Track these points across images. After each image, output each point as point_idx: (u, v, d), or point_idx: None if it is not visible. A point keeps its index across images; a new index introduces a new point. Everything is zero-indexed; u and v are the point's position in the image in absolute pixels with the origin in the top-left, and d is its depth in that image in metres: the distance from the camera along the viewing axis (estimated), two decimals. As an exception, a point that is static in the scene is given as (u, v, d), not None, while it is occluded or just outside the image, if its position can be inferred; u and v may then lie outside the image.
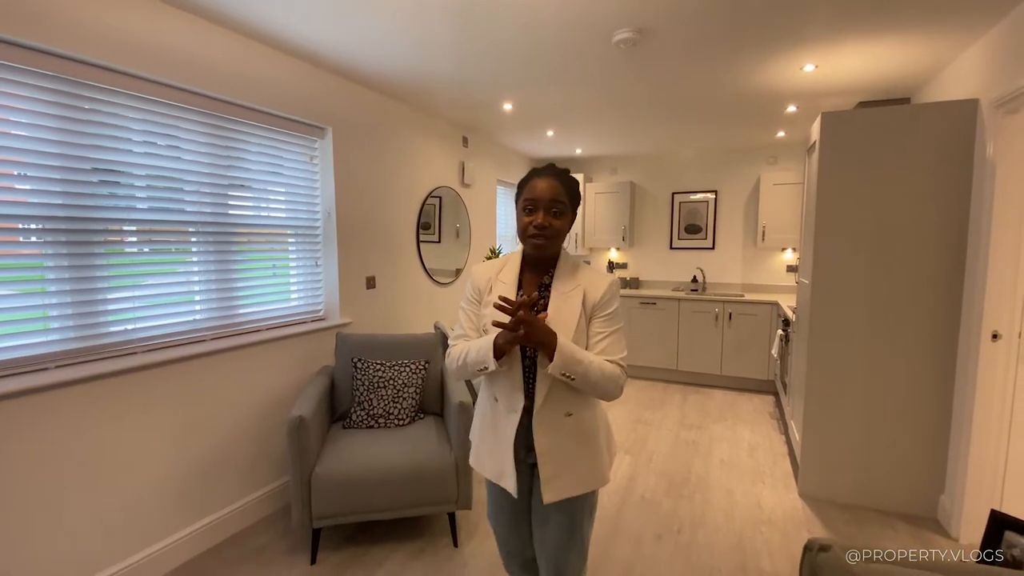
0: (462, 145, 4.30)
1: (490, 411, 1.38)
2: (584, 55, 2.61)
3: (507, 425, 1.32)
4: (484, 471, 1.41)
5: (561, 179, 1.30)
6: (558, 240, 1.31)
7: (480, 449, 1.43)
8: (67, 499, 1.81)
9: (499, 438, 1.34)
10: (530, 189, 1.30)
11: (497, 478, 1.36)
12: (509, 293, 1.32)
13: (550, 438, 1.29)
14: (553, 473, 1.29)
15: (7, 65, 1.68)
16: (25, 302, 1.81)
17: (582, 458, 1.32)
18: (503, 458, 1.33)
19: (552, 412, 1.29)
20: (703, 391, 4.73)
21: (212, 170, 2.37)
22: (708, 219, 5.33)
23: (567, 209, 1.30)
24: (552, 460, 1.29)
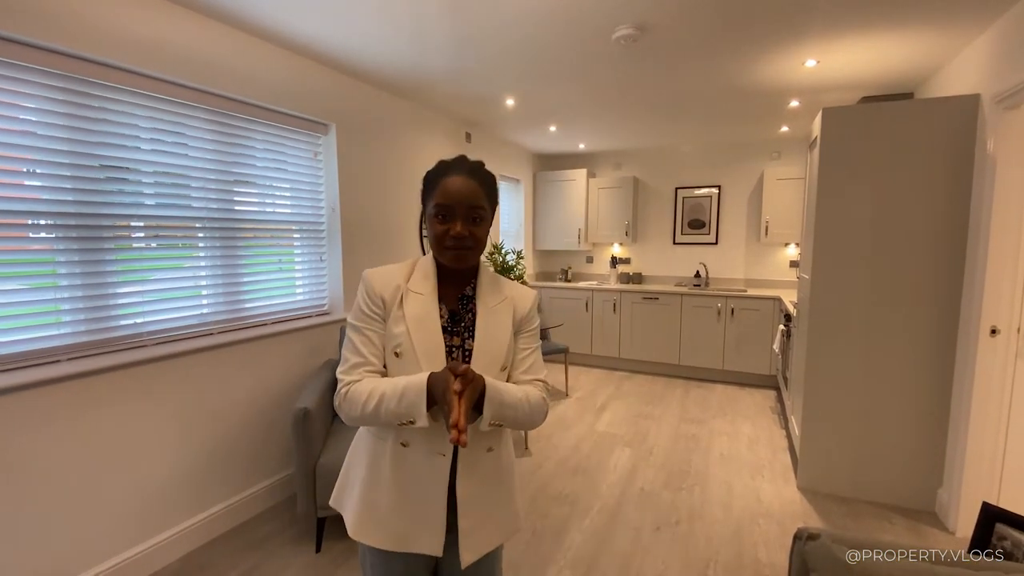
0: (465, 140, 4.33)
1: (393, 460, 1.06)
2: (585, 51, 2.63)
3: (431, 471, 1.04)
4: (376, 540, 1.07)
5: (479, 178, 1.08)
6: (479, 250, 1.09)
7: (376, 514, 1.07)
8: (79, 488, 1.86)
9: (420, 488, 1.05)
10: (443, 191, 1.05)
11: (404, 544, 1.06)
12: (429, 305, 1.07)
13: (472, 482, 1.08)
14: (472, 526, 1.08)
15: (18, 64, 1.72)
16: (38, 296, 1.85)
17: (501, 502, 1.14)
18: (424, 513, 1.05)
19: (474, 450, 1.07)
20: (705, 386, 4.75)
21: (218, 166, 2.41)
22: (711, 214, 5.33)
23: (487, 214, 1.08)
24: (473, 509, 1.08)
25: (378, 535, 1.07)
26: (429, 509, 1.05)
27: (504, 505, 1.15)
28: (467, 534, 1.07)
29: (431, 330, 1.05)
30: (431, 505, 1.05)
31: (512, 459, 1.21)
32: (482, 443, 1.08)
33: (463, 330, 1.09)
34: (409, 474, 1.05)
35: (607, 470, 3.00)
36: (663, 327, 5.02)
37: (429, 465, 1.04)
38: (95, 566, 1.90)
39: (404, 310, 1.05)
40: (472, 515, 1.08)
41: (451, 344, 1.07)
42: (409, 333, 1.04)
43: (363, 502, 1.08)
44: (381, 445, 1.08)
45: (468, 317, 1.11)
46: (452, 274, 1.12)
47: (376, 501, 1.07)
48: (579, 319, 5.36)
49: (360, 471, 1.11)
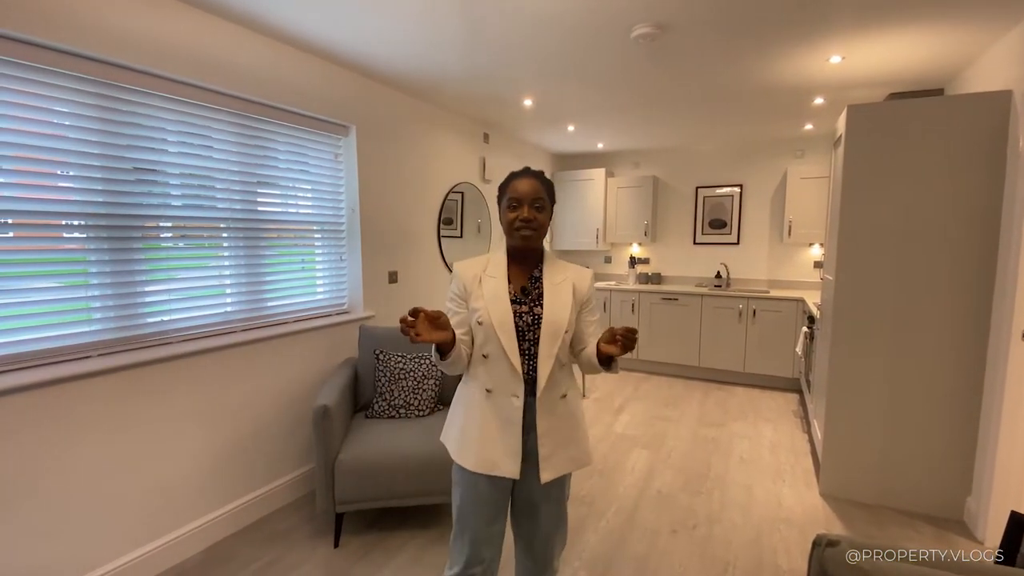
0: (483, 141, 4.34)
1: (481, 402, 1.38)
2: (603, 50, 2.61)
3: (512, 410, 1.36)
4: (470, 463, 1.37)
5: (540, 179, 1.41)
6: (542, 232, 1.40)
7: (468, 443, 1.39)
8: (107, 480, 1.93)
9: (500, 425, 1.36)
10: (513, 188, 1.39)
11: (491, 468, 1.36)
12: (500, 287, 1.39)
13: (549, 420, 1.39)
14: (551, 452, 1.38)
15: (52, 70, 1.79)
16: (70, 294, 1.92)
17: (574, 438, 1.43)
18: (504, 443, 1.36)
19: (551, 395, 1.39)
20: (725, 388, 4.69)
21: (242, 168, 2.47)
22: (733, 214, 5.25)
23: (547, 205, 1.40)
24: (551, 440, 1.38)
25: (471, 460, 1.38)
26: (509, 440, 1.36)
27: (576, 442, 1.44)
28: (546, 458, 1.37)
29: (502, 303, 1.37)
30: (510, 437, 1.36)
31: (580, 405, 1.49)
32: (557, 391, 1.40)
33: (531, 301, 1.40)
34: (493, 413, 1.37)
35: (624, 472, 2.99)
36: (683, 328, 4.96)
37: (507, 406, 1.36)
38: (122, 556, 1.97)
39: (482, 290, 1.39)
40: (549, 444, 1.38)
41: (520, 311, 1.38)
42: (486, 307, 1.36)
43: (462, 435, 1.42)
44: (474, 392, 1.41)
45: (535, 292, 1.41)
46: (522, 260, 1.44)
47: (471, 434, 1.39)
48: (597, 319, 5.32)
49: (460, 412, 1.45)
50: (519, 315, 1.38)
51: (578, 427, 1.45)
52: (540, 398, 1.36)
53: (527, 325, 1.37)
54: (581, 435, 1.46)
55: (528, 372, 1.37)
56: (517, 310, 1.38)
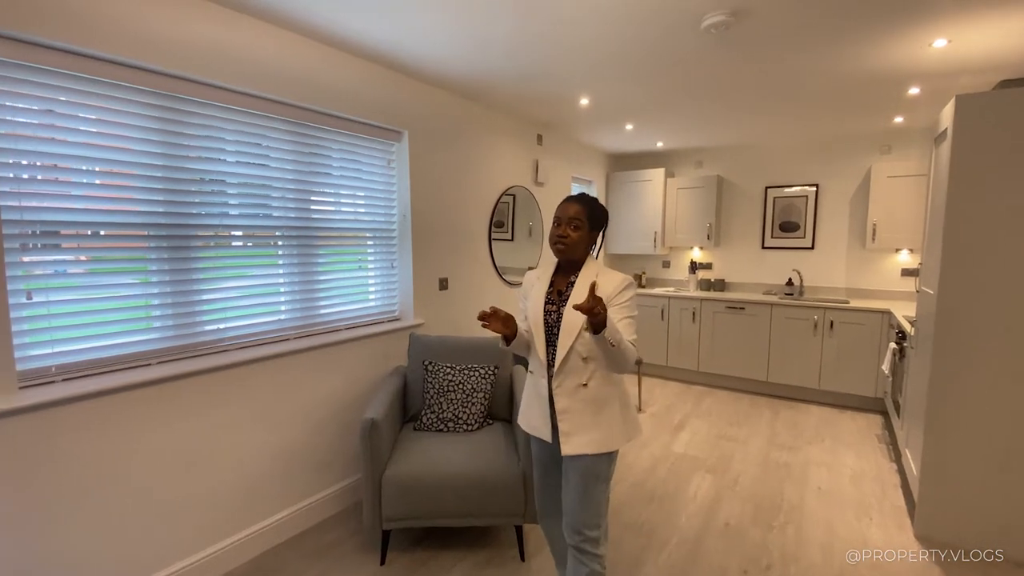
0: (536, 143, 4.21)
1: (529, 380, 1.74)
2: (670, 43, 2.42)
3: (542, 389, 1.66)
4: (523, 426, 1.76)
5: (583, 203, 1.64)
6: (575, 248, 1.63)
7: (523, 411, 1.77)
8: (159, 489, 1.95)
9: (536, 399, 1.68)
10: (560, 209, 1.66)
11: (534, 431, 1.70)
12: (542, 290, 1.70)
13: (566, 401, 1.60)
14: (569, 430, 1.60)
15: (119, 84, 1.82)
16: (133, 302, 1.96)
17: (596, 424, 1.59)
18: (540, 414, 1.67)
19: (568, 381, 1.60)
20: (797, 406, 4.32)
21: (297, 176, 2.47)
22: (807, 216, 4.84)
23: (584, 226, 1.63)
24: (568, 419, 1.60)
25: (524, 422, 1.76)
26: (542, 412, 1.66)
27: (598, 427, 1.59)
28: (565, 434, 1.60)
29: (537, 302, 1.68)
30: (543, 409, 1.66)
31: (610, 398, 1.62)
32: (574, 379, 1.60)
33: (562, 302, 1.65)
34: (534, 389, 1.70)
35: (686, 498, 2.77)
36: (749, 339, 4.62)
37: (540, 384, 1.67)
38: (173, 564, 1.99)
39: (532, 292, 1.73)
40: (567, 422, 1.60)
41: (550, 310, 1.66)
42: (529, 305, 1.71)
43: (521, 403, 1.81)
44: (528, 373, 1.76)
45: (568, 294, 1.65)
46: (567, 268, 1.71)
47: (524, 403, 1.78)
48: (654, 328, 5.07)
49: (524, 389, 1.79)
50: (549, 312, 1.66)
51: (600, 413, 1.60)
52: (557, 380, 1.61)
53: (554, 321, 1.64)
54: (605, 421, 1.60)
55: (552, 359, 1.63)
56: (548, 309, 1.67)
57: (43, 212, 1.67)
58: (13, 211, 1.59)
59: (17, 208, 1.60)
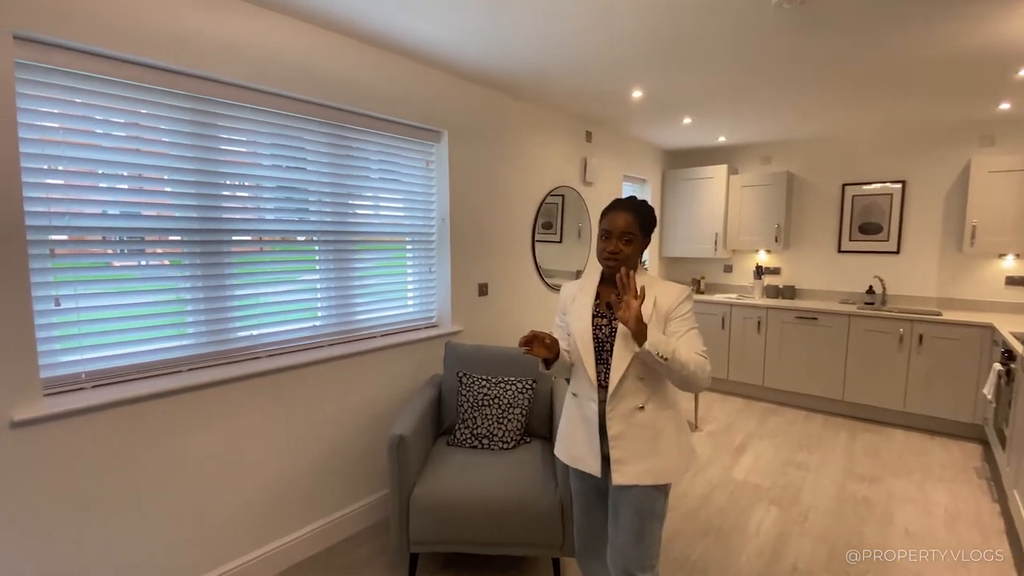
0: (585, 140, 4.00)
1: (572, 404, 1.59)
2: (735, 24, 2.16)
3: (590, 413, 1.51)
4: (563, 456, 1.61)
5: (635, 213, 1.50)
6: (627, 262, 1.48)
7: (563, 438, 1.63)
8: (189, 498, 1.92)
9: (583, 425, 1.53)
10: (608, 220, 1.51)
11: (577, 462, 1.55)
12: (588, 304, 1.56)
13: (620, 426, 1.46)
14: (622, 458, 1.46)
15: (151, 88, 1.80)
16: (166, 308, 1.94)
17: (653, 451, 1.46)
18: (586, 442, 1.52)
19: (624, 404, 1.46)
20: (878, 430, 3.86)
21: (333, 179, 2.40)
22: (891, 216, 4.34)
23: (636, 238, 1.49)
24: (622, 446, 1.46)
25: (563, 452, 1.61)
26: (590, 440, 1.51)
27: (656, 455, 1.46)
28: (618, 462, 1.46)
29: (583, 318, 1.54)
30: (591, 437, 1.51)
31: (667, 424, 1.49)
32: (631, 401, 1.46)
33: (612, 315, 1.51)
34: (579, 414, 1.55)
35: (747, 534, 2.48)
36: (823, 353, 4.19)
37: (588, 409, 1.52)
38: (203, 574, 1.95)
39: (575, 306, 1.59)
40: (621, 450, 1.46)
41: (600, 324, 1.53)
42: (573, 320, 1.57)
43: (560, 431, 1.66)
44: (568, 395, 1.61)
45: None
46: (614, 279, 1.49)
47: (564, 430, 1.63)
48: (713, 338, 4.71)
49: (562, 414, 1.67)
50: (599, 327, 1.53)
51: (658, 440, 1.47)
52: (612, 405, 1.47)
53: (605, 337, 1.51)
54: (663, 449, 1.47)
55: (604, 380, 1.49)
56: (598, 323, 1.53)
57: (73, 218, 1.66)
58: (40, 216, 1.58)
59: (45, 214, 1.59)
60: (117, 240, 1.80)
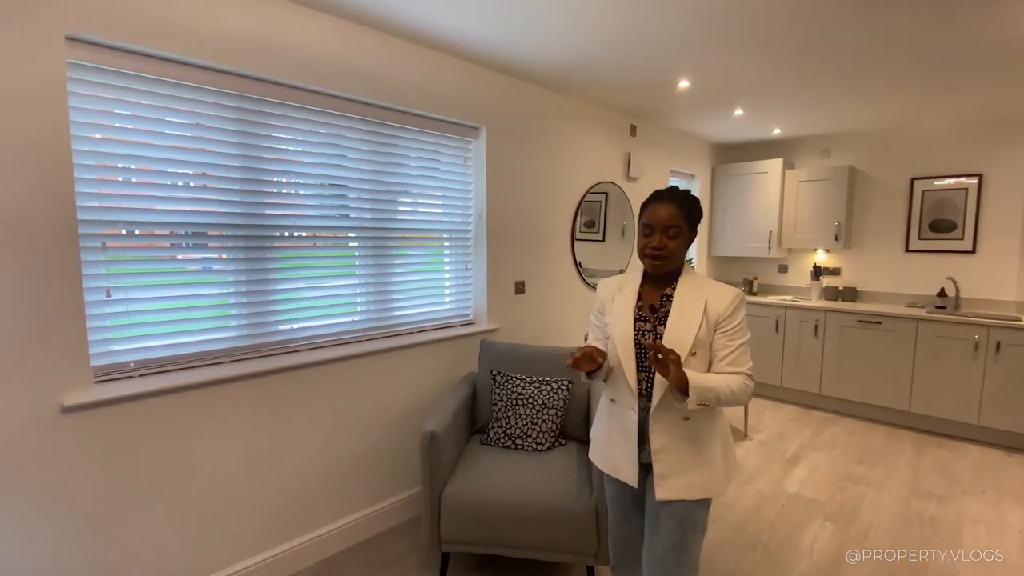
0: (629, 134, 3.87)
1: (610, 410, 1.52)
2: (793, 11, 2.01)
3: (629, 422, 1.43)
4: (600, 464, 1.55)
5: (679, 204, 1.39)
6: (674, 259, 1.40)
7: (599, 444, 1.57)
8: (229, 487, 1.97)
9: (622, 434, 1.46)
10: (649, 214, 1.41)
11: (615, 472, 1.48)
12: (629, 305, 1.46)
13: (665, 437, 1.39)
14: (667, 471, 1.38)
15: (201, 87, 1.86)
16: (211, 301, 2.00)
17: (697, 465, 1.38)
18: (624, 452, 1.45)
19: (669, 414, 1.38)
20: (949, 445, 3.54)
21: (373, 176, 2.42)
22: (966, 213, 3.98)
23: (682, 232, 1.39)
24: (666, 459, 1.38)
25: (599, 459, 1.56)
26: (627, 449, 1.44)
27: (700, 468, 1.38)
28: (661, 476, 1.38)
29: (624, 320, 1.44)
30: (629, 446, 1.44)
31: (713, 434, 1.41)
32: (677, 411, 1.36)
33: (656, 320, 1.42)
34: (617, 421, 1.48)
35: (799, 552, 2.31)
36: (887, 361, 3.89)
37: (626, 417, 1.44)
38: (238, 563, 2.00)
39: (614, 307, 1.49)
40: (665, 463, 1.38)
41: (643, 329, 1.42)
42: (612, 323, 1.46)
43: (595, 437, 1.60)
44: (605, 400, 1.55)
45: (663, 311, 1.42)
46: (657, 278, 1.47)
47: (600, 436, 1.57)
48: (766, 341, 4.48)
49: (598, 419, 1.60)
50: (641, 333, 1.42)
51: (704, 453, 1.39)
52: (655, 415, 1.39)
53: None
54: (706, 461, 1.40)
55: (646, 388, 1.41)
56: (640, 328, 1.43)
57: (123, 212, 1.73)
58: (92, 211, 1.65)
59: (96, 208, 1.66)
60: (166, 235, 1.86)
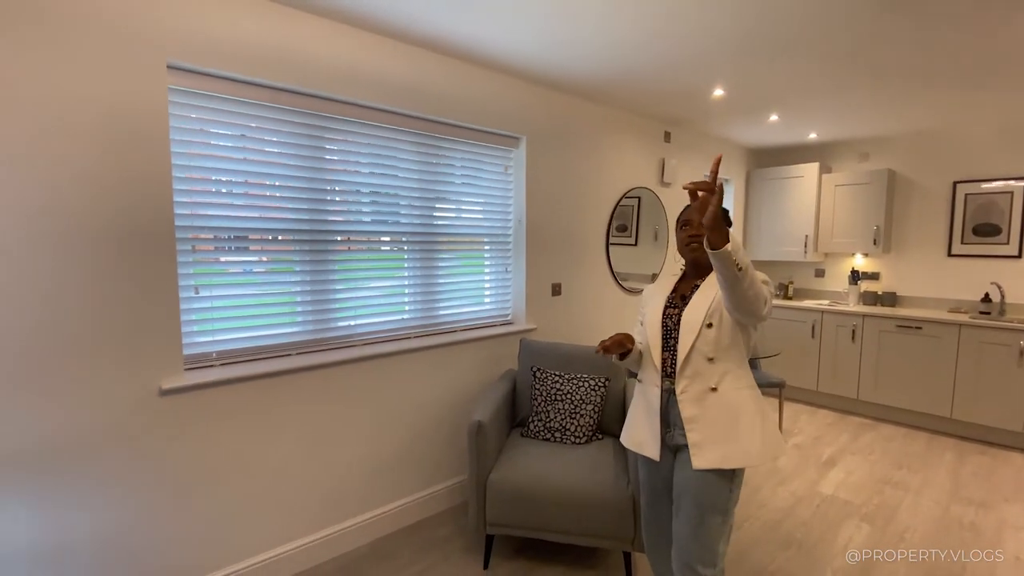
0: (663, 141, 3.96)
1: (638, 391, 1.64)
2: (828, 14, 2.09)
3: (653, 399, 1.54)
4: (626, 442, 1.65)
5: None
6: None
7: (627, 425, 1.67)
8: (291, 469, 2.16)
9: (646, 411, 1.57)
10: (687, 213, 1.56)
11: (639, 447, 1.58)
12: (663, 297, 1.61)
13: (694, 409, 1.46)
14: (700, 441, 1.44)
15: (275, 107, 2.07)
16: (281, 298, 2.20)
17: (729, 435, 1.43)
18: (648, 427, 1.55)
19: (695, 385, 1.47)
20: (991, 452, 3.48)
21: (422, 184, 2.60)
22: (1011, 217, 3.89)
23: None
24: (699, 429, 1.44)
25: (627, 439, 1.65)
26: (651, 425, 1.55)
27: (733, 440, 1.43)
28: (696, 445, 1.44)
29: (657, 307, 1.60)
30: (652, 423, 1.54)
31: (744, 402, 1.46)
32: (706, 382, 1.46)
33: (685, 305, 1.54)
34: (643, 400, 1.60)
35: (832, 550, 2.36)
36: (927, 366, 3.84)
37: (651, 394, 1.55)
38: (299, 539, 2.20)
39: (651, 303, 1.64)
40: (698, 433, 1.45)
41: (671, 313, 1.56)
42: (647, 312, 1.63)
43: (627, 420, 1.69)
44: (637, 383, 1.66)
45: (692, 298, 1.54)
46: (694, 274, 1.60)
47: (630, 417, 1.67)
48: (802, 346, 4.47)
49: (632, 402, 1.69)
50: (668, 316, 1.56)
51: (736, 423, 1.44)
52: (682, 387, 1.48)
53: (674, 324, 1.54)
54: (744, 432, 1.43)
55: (669, 367, 1.53)
56: (669, 312, 1.57)
57: (209, 219, 1.95)
58: (184, 218, 1.87)
59: (188, 216, 1.89)
60: (243, 239, 2.07)
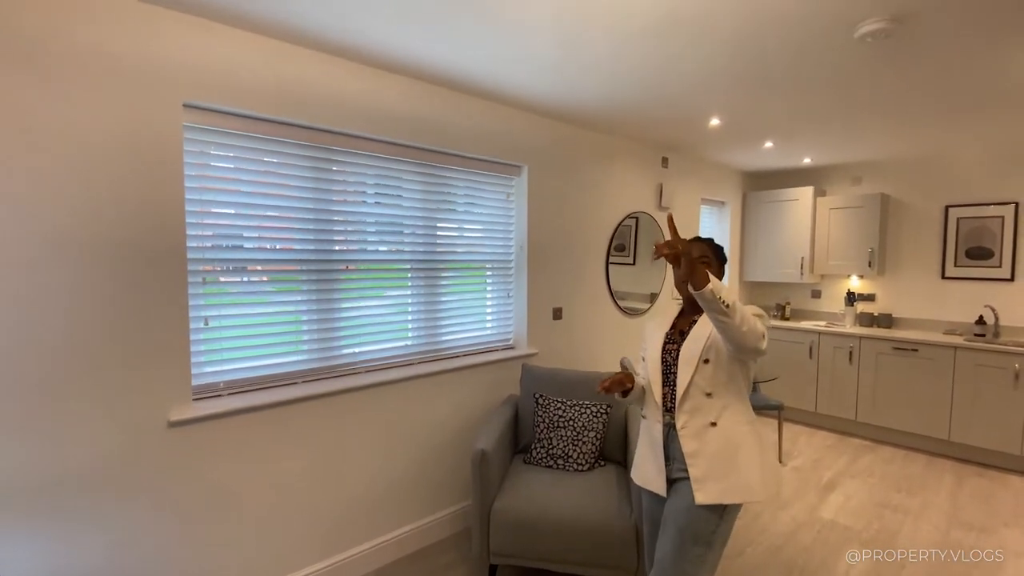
0: (661, 166, 4.03)
1: (643, 427, 1.68)
2: (817, 55, 2.16)
3: (656, 433, 1.58)
4: (637, 479, 1.67)
5: (707, 243, 1.66)
6: None
7: (637, 461, 1.69)
8: (293, 498, 2.17)
9: (650, 446, 1.61)
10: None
11: (647, 484, 1.61)
12: (660, 330, 1.67)
13: (695, 444, 1.49)
14: (702, 476, 1.46)
15: (283, 140, 2.12)
16: (287, 328, 2.23)
17: (729, 470, 1.46)
18: (654, 463, 1.58)
19: (694, 420, 1.50)
20: (989, 475, 3.50)
21: (425, 213, 2.65)
22: (1003, 240, 3.97)
23: (712, 261, 1.62)
24: (699, 464, 1.47)
25: (636, 474, 1.68)
26: (655, 461, 1.58)
27: (733, 474, 1.45)
28: (698, 480, 1.46)
29: (657, 342, 1.64)
30: (656, 457, 1.57)
31: (751, 444, 1.49)
32: (706, 416, 1.50)
33: (683, 340, 1.58)
34: (647, 435, 1.64)
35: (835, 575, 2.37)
36: (924, 388, 3.88)
37: (655, 430, 1.59)
38: (309, 566, 2.20)
39: (651, 339, 1.67)
40: (699, 467, 1.47)
41: (670, 348, 1.60)
42: (648, 347, 1.67)
43: (635, 454, 1.71)
44: (642, 419, 1.69)
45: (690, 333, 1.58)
46: (691, 310, 1.63)
47: (637, 453, 1.70)
48: (799, 367, 4.50)
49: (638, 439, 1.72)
50: (668, 351, 1.60)
51: (734, 458, 1.47)
52: (682, 422, 1.51)
53: (673, 360, 1.58)
54: (743, 466, 1.46)
55: (670, 403, 1.56)
56: (668, 348, 1.61)
57: (219, 251, 1.99)
58: (195, 250, 1.91)
59: (199, 248, 1.92)
60: (252, 269, 2.11)
